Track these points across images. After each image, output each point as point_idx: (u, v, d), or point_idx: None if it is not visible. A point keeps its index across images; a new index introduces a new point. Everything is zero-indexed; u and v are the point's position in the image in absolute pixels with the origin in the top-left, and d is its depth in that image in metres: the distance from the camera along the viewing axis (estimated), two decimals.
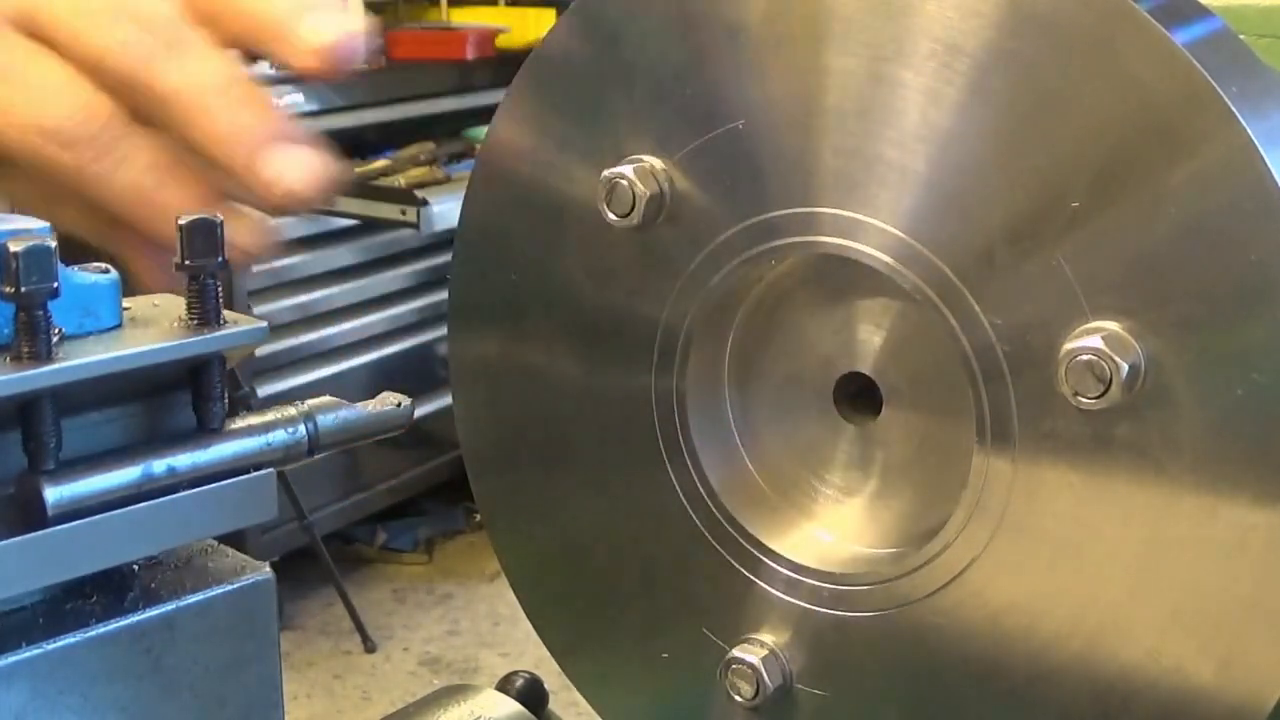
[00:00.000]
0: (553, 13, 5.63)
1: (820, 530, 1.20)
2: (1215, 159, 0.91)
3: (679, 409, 1.19)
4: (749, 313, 1.19)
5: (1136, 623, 0.99)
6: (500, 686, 1.31)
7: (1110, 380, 0.94)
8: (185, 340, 0.95)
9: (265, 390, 4.67)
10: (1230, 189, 0.91)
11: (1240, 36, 1.03)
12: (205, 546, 1.03)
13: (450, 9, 6.00)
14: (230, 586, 0.99)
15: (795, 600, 1.16)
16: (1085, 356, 0.95)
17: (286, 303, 4.77)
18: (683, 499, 1.20)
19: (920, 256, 1.03)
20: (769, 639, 1.17)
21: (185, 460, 0.95)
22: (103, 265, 0.97)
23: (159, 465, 0.94)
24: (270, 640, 1.02)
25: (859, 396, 1.18)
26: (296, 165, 0.87)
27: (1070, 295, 0.97)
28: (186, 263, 0.95)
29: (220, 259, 0.96)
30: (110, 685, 0.94)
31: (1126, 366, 0.94)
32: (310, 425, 1.02)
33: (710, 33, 1.11)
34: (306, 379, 4.80)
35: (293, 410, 1.02)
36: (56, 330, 0.90)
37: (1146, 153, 0.94)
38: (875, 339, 1.15)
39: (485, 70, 5.55)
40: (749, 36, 1.09)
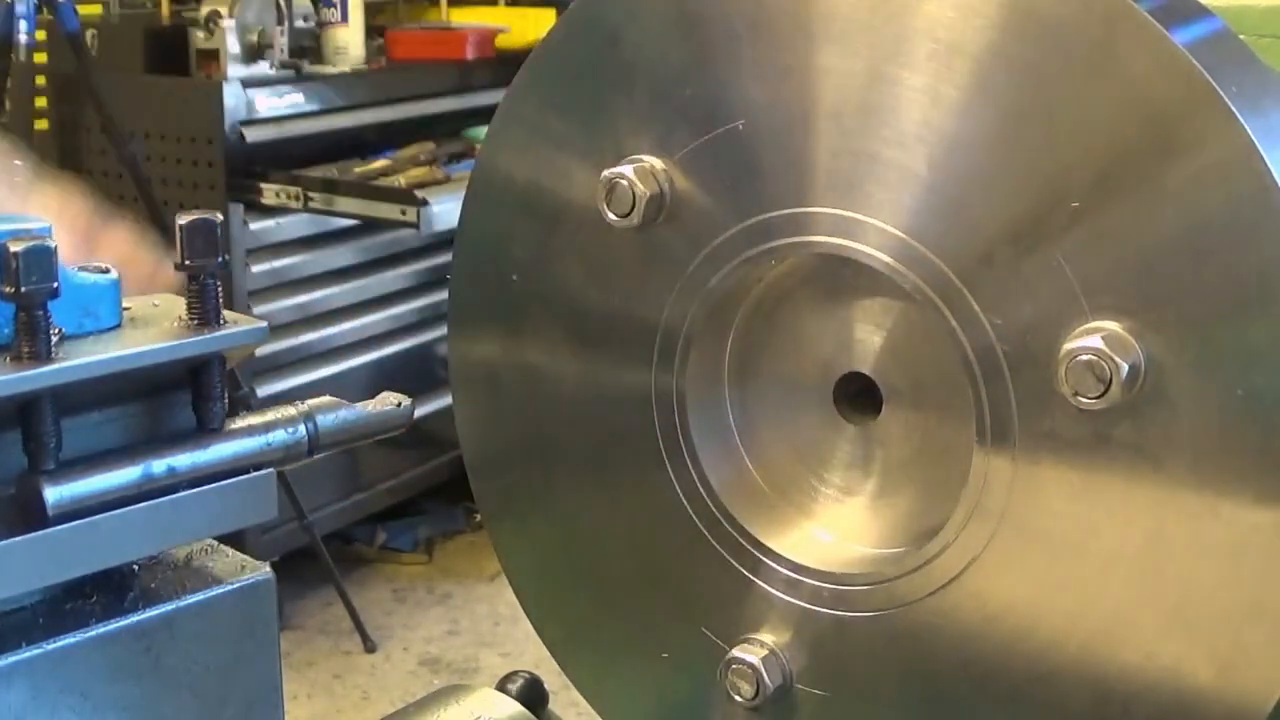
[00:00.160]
0: (553, 13, 5.62)
1: (820, 530, 1.19)
2: (1215, 159, 0.91)
3: (679, 409, 1.19)
4: (749, 313, 1.19)
5: (1136, 624, 0.99)
6: (500, 686, 1.31)
7: (1110, 380, 0.94)
8: (185, 340, 0.95)
9: (265, 390, 4.66)
10: (1230, 189, 0.91)
11: (1240, 36, 1.03)
12: (205, 546, 1.03)
13: (450, 9, 6.00)
14: (230, 586, 0.99)
15: (795, 600, 1.16)
16: (1085, 356, 0.95)
17: (286, 303, 4.75)
18: (683, 499, 1.20)
19: (920, 257, 1.03)
20: (769, 639, 1.17)
21: (185, 460, 0.95)
22: (103, 265, 0.97)
23: (159, 465, 0.94)
24: (270, 640, 1.02)
25: (859, 396, 1.18)
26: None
27: (1070, 295, 0.97)
28: (187, 263, 0.95)
29: (220, 259, 0.96)
30: (110, 685, 0.94)
31: (1126, 366, 0.94)
32: (310, 425, 1.02)
33: (710, 33, 1.11)
34: (306, 379, 4.79)
35: (293, 410, 1.02)
36: (56, 330, 0.90)
37: (1146, 153, 0.94)
38: (875, 339, 1.15)
39: (485, 70, 5.53)
40: (749, 37, 1.09)
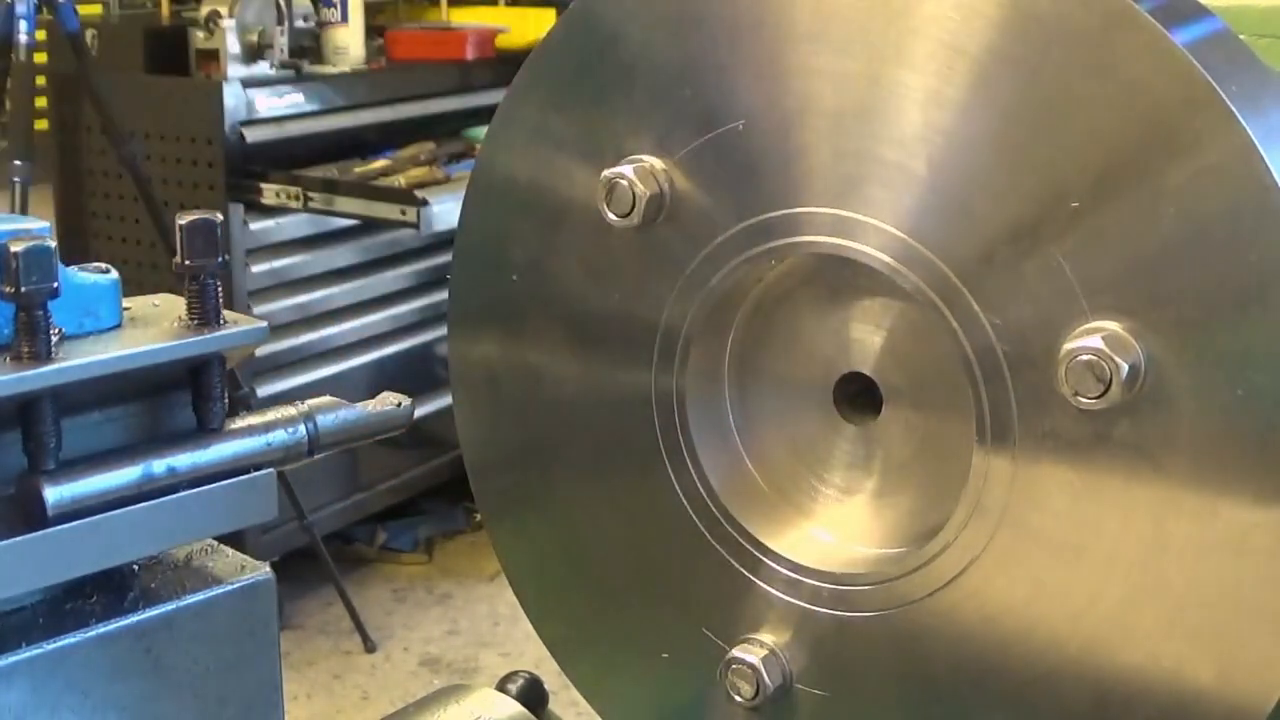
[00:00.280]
0: (553, 13, 5.63)
1: (820, 530, 1.19)
2: (1215, 159, 0.91)
3: (679, 409, 1.19)
4: (749, 313, 1.19)
5: (1136, 624, 0.99)
6: (500, 686, 1.31)
7: (1110, 380, 0.94)
8: (185, 340, 0.95)
9: (265, 390, 4.66)
10: (1230, 189, 0.91)
11: (1240, 36, 1.03)
12: (205, 546, 1.03)
13: (450, 9, 6.01)
14: (230, 586, 0.99)
15: (795, 600, 1.16)
16: (1085, 356, 0.95)
17: (286, 303, 4.75)
18: (682, 499, 1.20)
19: (920, 257, 1.03)
20: (769, 639, 1.17)
21: (185, 460, 0.95)
22: (103, 265, 0.97)
23: (159, 465, 0.94)
24: (270, 640, 1.02)
25: (859, 396, 1.18)
26: None
27: (1070, 295, 0.97)
28: (186, 263, 0.95)
29: (220, 259, 0.96)
30: (110, 685, 0.94)
31: (1126, 366, 0.94)
32: (310, 425, 1.02)
33: (710, 33, 1.11)
34: (306, 379, 4.79)
35: (293, 410, 1.03)
36: (56, 330, 0.90)
37: (1146, 153, 0.93)
38: (875, 339, 1.15)
39: (485, 70, 5.54)
40: (749, 37, 1.09)
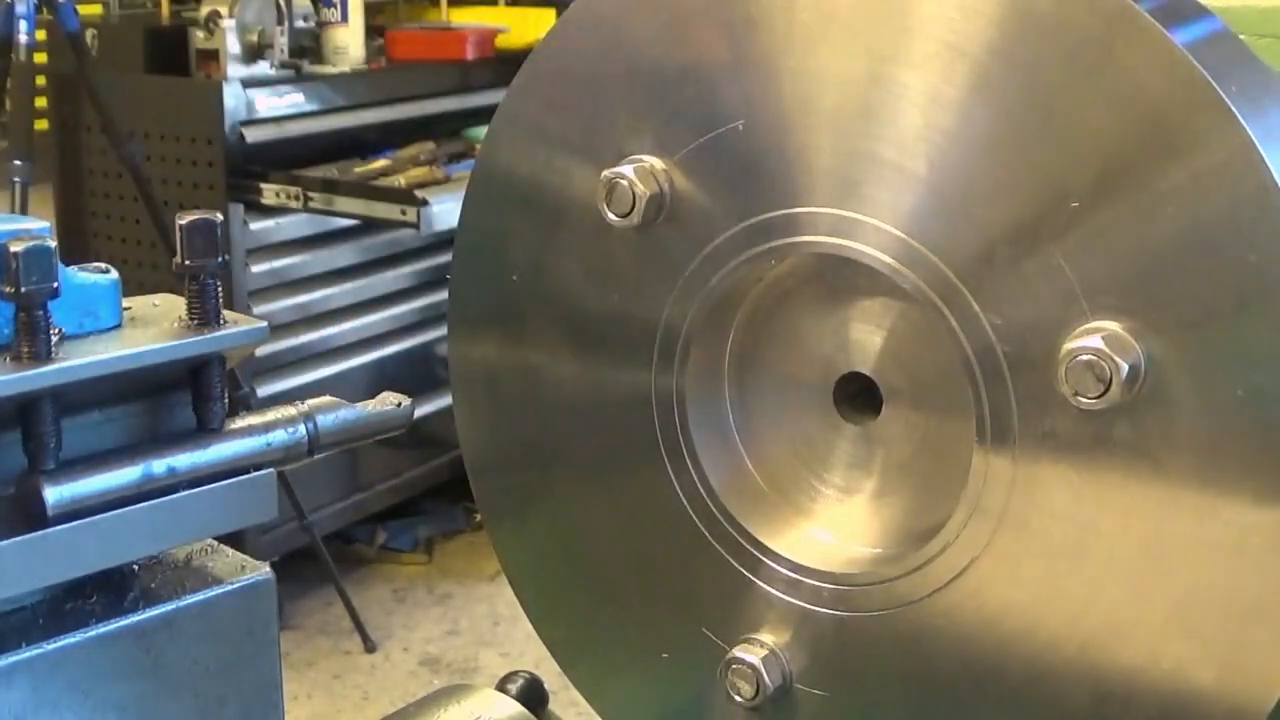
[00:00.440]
0: (553, 13, 5.63)
1: (820, 530, 1.19)
2: (1215, 159, 0.91)
3: (679, 409, 1.19)
4: (749, 313, 1.19)
5: (1136, 624, 0.99)
6: (500, 686, 1.31)
7: (1110, 380, 0.94)
8: (185, 340, 0.95)
9: (265, 390, 4.66)
10: (1230, 189, 0.91)
11: (1240, 36, 1.03)
12: (205, 546, 1.03)
13: (450, 9, 6.01)
14: (230, 586, 0.99)
15: (795, 600, 1.16)
16: (1085, 356, 0.95)
17: (286, 303, 4.75)
18: (683, 499, 1.20)
19: (920, 257, 1.03)
20: (769, 639, 1.17)
21: (185, 460, 0.95)
22: (103, 265, 0.97)
23: (159, 465, 0.94)
24: (270, 640, 1.02)
25: (859, 396, 1.18)
26: None
27: (1070, 295, 0.97)
28: (186, 263, 0.95)
29: (220, 259, 0.96)
30: (110, 685, 0.94)
31: (1126, 366, 0.94)
32: (310, 425, 1.02)
33: (711, 33, 1.11)
34: (306, 379, 4.79)
35: (293, 410, 1.03)
36: (56, 330, 0.90)
37: (1146, 153, 0.93)
38: (875, 339, 1.15)
39: (485, 70, 5.54)
40: (749, 37, 1.09)
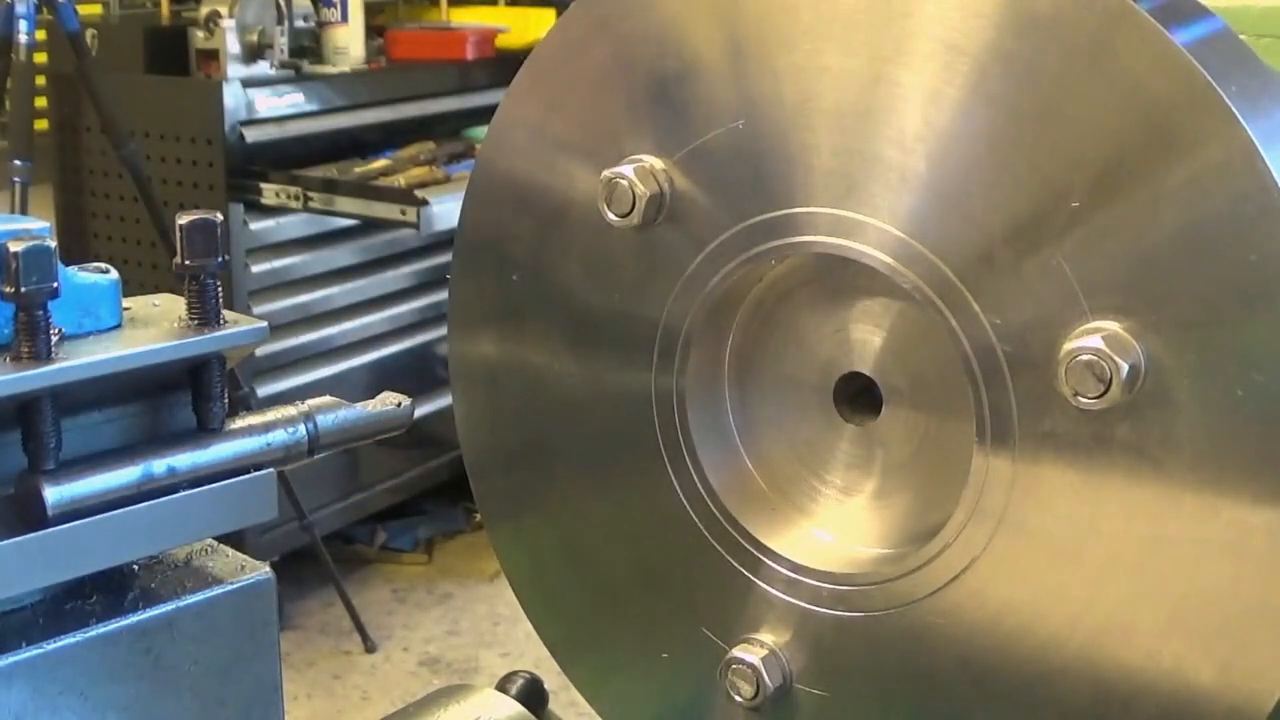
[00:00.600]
0: (553, 13, 5.63)
1: (820, 530, 1.19)
2: (1215, 159, 0.91)
3: (679, 409, 1.19)
4: (749, 313, 1.19)
5: (1136, 624, 0.99)
6: (500, 686, 1.31)
7: (1110, 380, 0.94)
8: (185, 340, 0.95)
9: (265, 390, 4.67)
10: (1230, 189, 0.91)
11: (1240, 36, 1.03)
12: (205, 546, 1.03)
13: (450, 9, 6.01)
14: (230, 586, 0.99)
15: (795, 600, 1.16)
16: (1085, 356, 0.95)
17: (286, 303, 4.76)
18: (683, 499, 1.20)
19: (920, 257, 1.03)
20: (769, 639, 1.17)
21: (185, 460, 0.95)
22: (103, 265, 0.97)
23: (159, 465, 0.94)
24: (270, 640, 1.02)
25: (859, 396, 1.18)
26: None
27: (1070, 295, 0.97)
28: (186, 263, 0.95)
29: (220, 259, 0.96)
30: (110, 685, 0.94)
31: (1126, 366, 0.94)
32: (310, 425, 1.02)
33: (710, 32, 1.11)
34: (306, 379, 4.79)
35: (293, 410, 1.02)
36: (56, 330, 0.90)
37: (1146, 153, 0.93)
38: (875, 339, 1.15)
39: (485, 70, 5.55)
40: (749, 37, 1.09)
